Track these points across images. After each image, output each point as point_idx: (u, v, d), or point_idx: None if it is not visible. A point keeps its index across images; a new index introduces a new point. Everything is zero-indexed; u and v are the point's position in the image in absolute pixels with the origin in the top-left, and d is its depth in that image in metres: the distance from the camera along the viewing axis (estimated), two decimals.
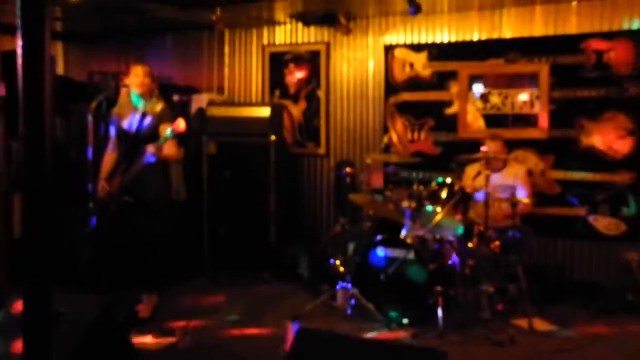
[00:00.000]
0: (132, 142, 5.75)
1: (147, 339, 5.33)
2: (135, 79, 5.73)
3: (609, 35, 6.79)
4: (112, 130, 5.94)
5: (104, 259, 5.92)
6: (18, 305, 4.35)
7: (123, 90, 5.79)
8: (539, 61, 7.07)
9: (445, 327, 5.54)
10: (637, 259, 6.47)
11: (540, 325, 5.89)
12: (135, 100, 5.81)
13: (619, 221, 6.71)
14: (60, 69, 9.22)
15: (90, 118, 5.54)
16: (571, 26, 6.95)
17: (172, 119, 5.63)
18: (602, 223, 6.77)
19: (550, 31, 7.05)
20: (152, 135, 5.64)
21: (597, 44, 6.84)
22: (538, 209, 6.67)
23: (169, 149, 5.60)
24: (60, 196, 6.01)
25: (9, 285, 5.60)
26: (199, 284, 7.09)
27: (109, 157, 5.93)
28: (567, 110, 6.98)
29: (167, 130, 5.51)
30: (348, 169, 7.41)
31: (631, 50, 6.70)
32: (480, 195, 6.02)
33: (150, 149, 5.48)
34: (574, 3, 6.91)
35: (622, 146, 6.75)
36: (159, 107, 5.82)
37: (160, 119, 5.72)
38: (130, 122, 5.82)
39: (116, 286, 5.85)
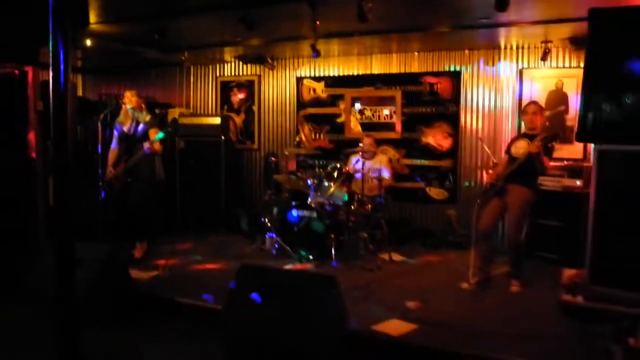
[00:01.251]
0: (131, 141, 5.66)
1: (139, 272, 5.23)
2: (129, 98, 5.64)
3: (437, 74, 6.96)
4: (115, 133, 5.80)
5: (110, 219, 5.79)
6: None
7: (124, 107, 5.68)
8: (395, 89, 7.18)
9: (336, 261, 5.63)
10: (454, 214, 6.70)
11: (396, 257, 6.01)
12: (131, 112, 5.68)
13: (444, 191, 6.90)
14: (80, 92, 8.91)
15: (99, 125, 5.42)
16: (415, 67, 7.10)
17: (157, 125, 5.58)
18: (434, 192, 6.95)
19: (402, 70, 7.18)
20: (144, 136, 5.59)
21: (430, 79, 7.00)
22: (395, 184, 6.77)
23: (157, 145, 5.52)
24: (80, 177, 5.87)
25: (47, 238, 5.44)
26: (174, 236, 6.96)
27: (113, 152, 5.79)
28: (412, 120, 7.12)
29: (157, 134, 5.46)
30: (273, 158, 7.39)
31: (450, 83, 6.89)
32: (358, 175, 6.11)
33: (146, 145, 5.43)
34: (416, 53, 7.06)
35: (446, 143, 6.95)
36: (148, 117, 5.75)
37: (150, 125, 5.65)
38: (129, 127, 5.71)
39: (118, 237, 5.70)
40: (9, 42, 4.93)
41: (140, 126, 5.66)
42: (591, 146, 5.92)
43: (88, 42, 6.27)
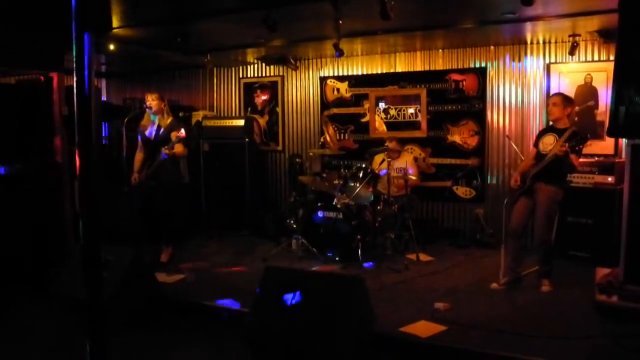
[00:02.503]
0: (153, 145, 5.64)
1: (165, 276, 5.28)
2: (150, 102, 5.63)
3: (462, 71, 6.89)
4: (139, 138, 5.81)
5: (136, 223, 5.85)
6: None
7: (146, 110, 5.69)
8: (420, 87, 7.13)
9: (363, 262, 5.61)
10: (482, 213, 6.63)
11: (424, 257, 5.98)
12: (152, 117, 5.70)
13: (471, 189, 6.82)
14: (104, 97, 9.07)
15: (123, 129, 5.45)
16: (439, 64, 7.04)
17: (178, 128, 5.56)
18: (461, 191, 6.88)
19: (426, 67, 7.12)
20: (165, 140, 5.54)
21: (455, 76, 6.93)
22: (422, 183, 6.71)
23: (178, 149, 5.52)
24: (105, 181, 5.94)
25: (74, 241, 5.52)
26: (199, 239, 7.03)
27: (138, 156, 5.80)
28: (438, 118, 7.06)
29: (175, 137, 5.45)
30: (298, 160, 7.40)
31: (476, 80, 6.81)
32: (384, 175, 6.09)
33: (164, 150, 5.39)
34: (440, 50, 7.00)
35: (472, 141, 6.88)
36: (168, 120, 5.71)
37: (170, 129, 5.61)
38: (150, 131, 5.71)
39: (144, 241, 5.77)
40: (34, 49, 5.05)
41: (161, 130, 5.64)
42: (623, 141, 5.79)
43: (111, 47, 6.36)
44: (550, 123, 4.98)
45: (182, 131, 5.45)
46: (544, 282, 4.80)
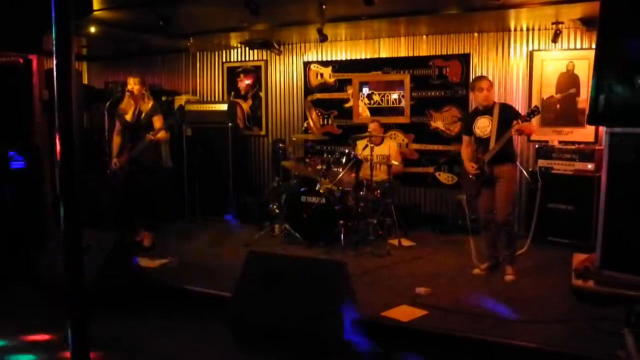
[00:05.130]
0: (134, 130, 5.58)
1: (148, 261, 5.27)
2: (132, 86, 5.55)
3: (446, 57, 6.90)
4: (118, 121, 5.72)
5: (118, 207, 5.81)
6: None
7: (126, 94, 5.61)
8: (404, 73, 7.13)
9: (345, 247, 5.64)
10: (464, 198, 6.67)
11: (406, 242, 6.04)
12: (132, 100, 5.63)
13: (453, 175, 6.87)
14: (85, 80, 8.93)
15: (105, 113, 5.39)
16: (423, 50, 7.04)
17: (160, 112, 5.51)
18: (443, 177, 6.93)
19: (410, 53, 7.12)
20: (146, 124, 5.48)
21: (439, 62, 6.94)
22: (404, 169, 6.76)
23: (161, 134, 5.48)
24: (87, 165, 5.88)
25: (55, 226, 5.47)
26: (182, 223, 7.01)
27: (116, 140, 5.71)
28: (421, 104, 7.07)
29: (160, 124, 5.40)
30: (281, 144, 7.38)
31: (460, 66, 6.83)
32: (366, 160, 6.10)
33: (148, 136, 5.34)
34: (424, 36, 7.00)
35: (455, 127, 6.92)
36: (150, 104, 5.63)
37: (151, 113, 5.55)
38: (132, 115, 5.64)
39: (127, 225, 5.74)
40: (12, 31, 4.95)
41: (142, 114, 5.57)
42: (603, 129, 5.88)
43: (92, 29, 6.26)
44: (475, 107, 5.01)
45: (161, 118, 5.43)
46: (508, 269, 4.79)
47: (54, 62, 1.54)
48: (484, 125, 4.76)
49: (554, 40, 6.07)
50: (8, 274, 4.90)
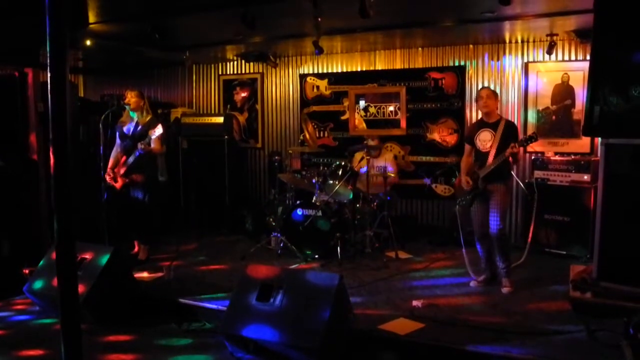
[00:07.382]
0: (130, 142, 5.57)
1: (144, 274, 5.25)
2: (129, 99, 5.56)
3: (441, 69, 6.95)
4: (117, 134, 5.72)
5: (113, 220, 5.77)
6: (54, 254, 4.22)
7: (125, 107, 5.62)
8: (400, 85, 7.16)
9: (342, 259, 5.62)
10: (460, 211, 6.66)
11: (403, 255, 6.01)
12: (131, 113, 5.64)
13: (449, 187, 6.89)
14: (81, 93, 8.92)
15: (100, 126, 5.38)
16: (419, 63, 7.09)
17: (155, 125, 5.50)
18: (440, 188, 6.94)
19: (406, 65, 7.16)
20: (142, 136, 5.45)
21: (434, 75, 6.99)
22: (401, 180, 6.78)
23: (156, 145, 5.47)
24: (82, 177, 5.86)
25: (49, 240, 5.44)
26: (178, 236, 6.97)
27: (114, 154, 5.71)
28: (417, 116, 7.10)
29: (152, 134, 5.38)
30: (277, 157, 7.37)
31: (455, 78, 6.87)
32: (363, 172, 6.10)
33: (140, 145, 5.33)
34: (420, 49, 7.05)
35: (451, 139, 6.94)
36: (147, 118, 5.63)
37: (148, 126, 5.53)
38: (128, 128, 5.64)
39: (122, 239, 5.71)
40: (8, 44, 4.96)
41: (139, 127, 5.57)
42: (598, 140, 5.90)
43: (88, 42, 6.27)
44: (480, 117, 4.97)
45: (160, 127, 5.39)
46: (505, 281, 4.78)
47: (49, 75, 1.54)
48: (485, 139, 4.76)
49: (549, 52, 6.12)
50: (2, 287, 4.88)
